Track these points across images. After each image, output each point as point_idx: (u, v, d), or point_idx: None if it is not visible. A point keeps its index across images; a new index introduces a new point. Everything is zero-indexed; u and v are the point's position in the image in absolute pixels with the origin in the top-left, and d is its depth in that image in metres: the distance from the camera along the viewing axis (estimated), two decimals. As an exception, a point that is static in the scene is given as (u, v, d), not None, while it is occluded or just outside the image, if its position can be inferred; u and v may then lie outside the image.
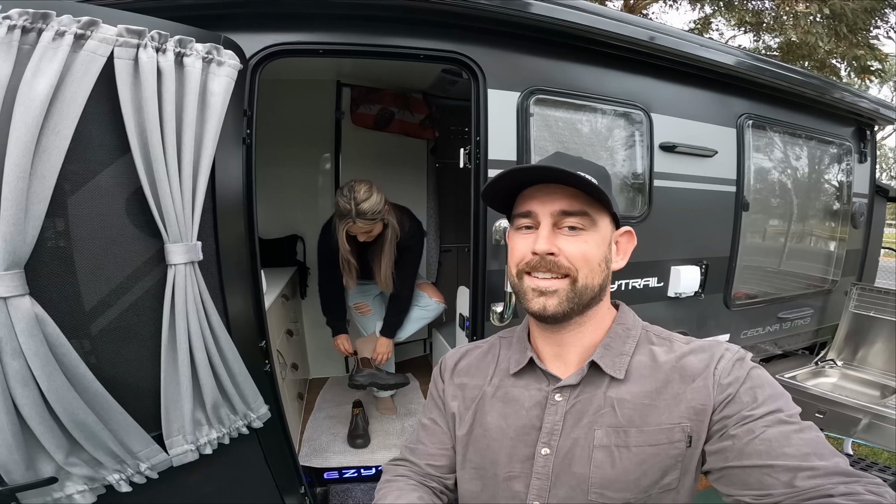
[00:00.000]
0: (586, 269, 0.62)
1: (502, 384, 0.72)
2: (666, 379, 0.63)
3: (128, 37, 0.89)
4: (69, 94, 0.81)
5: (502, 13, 1.29)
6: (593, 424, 0.63)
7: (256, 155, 1.23)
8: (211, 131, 1.01)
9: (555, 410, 0.65)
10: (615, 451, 0.61)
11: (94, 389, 0.91)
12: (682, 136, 1.66)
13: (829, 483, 0.49)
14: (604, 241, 0.64)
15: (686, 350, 0.65)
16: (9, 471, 0.86)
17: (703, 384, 0.60)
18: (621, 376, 0.64)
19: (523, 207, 0.65)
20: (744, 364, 0.61)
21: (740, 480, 0.54)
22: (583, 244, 0.62)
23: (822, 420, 1.87)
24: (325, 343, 2.65)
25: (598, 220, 0.63)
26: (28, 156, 0.75)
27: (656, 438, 0.60)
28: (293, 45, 1.26)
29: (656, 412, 0.61)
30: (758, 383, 0.58)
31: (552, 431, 0.65)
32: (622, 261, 0.69)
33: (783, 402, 0.56)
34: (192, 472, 1.13)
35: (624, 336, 0.68)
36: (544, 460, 0.64)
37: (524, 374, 0.71)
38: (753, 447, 0.53)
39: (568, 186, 0.62)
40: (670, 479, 0.60)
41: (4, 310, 0.76)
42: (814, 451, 0.51)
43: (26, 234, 0.77)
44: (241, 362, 1.15)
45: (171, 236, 0.95)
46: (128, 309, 0.97)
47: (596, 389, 0.65)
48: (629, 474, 0.60)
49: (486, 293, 1.46)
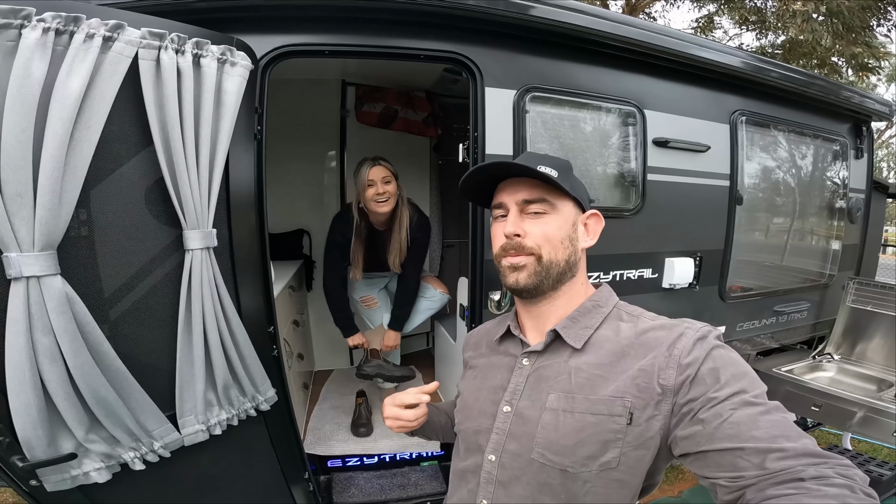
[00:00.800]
0: (548, 246, 0.71)
1: (489, 353, 0.82)
2: (622, 352, 0.66)
3: (150, 39, 0.96)
4: (99, 92, 0.89)
5: (499, 15, 1.35)
6: (549, 389, 0.69)
7: (266, 151, 1.30)
8: (225, 127, 1.09)
9: (520, 373, 0.73)
10: (560, 416, 0.66)
11: (115, 367, 0.97)
12: (674, 132, 1.71)
13: (798, 465, 0.50)
14: (565, 223, 0.73)
15: (648, 326, 0.68)
16: (31, 447, 0.91)
17: (657, 362, 0.62)
18: (579, 346, 0.69)
19: (496, 200, 0.77)
20: (705, 343, 0.62)
21: (714, 463, 0.55)
22: (543, 225, 0.72)
23: (818, 413, 1.89)
24: (331, 336, 2.73)
25: (558, 204, 0.72)
26: (63, 148, 0.83)
27: (597, 408, 0.63)
28: (300, 46, 1.33)
29: (605, 383, 0.65)
30: (720, 363, 0.59)
31: (514, 391, 0.72)
32: (591, 240, 0.77)
33: (747, 382, 0.57)
34: (201, 454, 1.19)
35: (592, 311, 0.73)
36: (504, 417, 0.71)
37: (504, 342, 0.81)
38: (723, 431, 0.54)
39: (529, 179, 0.72)
40: (609, 458, 0.62)
41: (37, 288, 0.83)
42: (782, 432, 0.53)
43: (59, 219, 0.84)
44: (250, 345, 1.22)
45: (189, 223, 1.02)
46: (148, 291, 1.04)
47: (559, 357, 0.71)
48: (568, 439, 0.64)
49: (483, 282, 1.52)
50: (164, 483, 1.19)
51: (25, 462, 0.90)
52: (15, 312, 0.82)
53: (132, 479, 1.08)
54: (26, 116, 0.81)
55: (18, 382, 0.85)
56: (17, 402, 0.86)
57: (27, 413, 0.87)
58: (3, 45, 0.81)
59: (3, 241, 0.80)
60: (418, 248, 2.15)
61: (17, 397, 0.86)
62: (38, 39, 0.82)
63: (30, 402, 0.86)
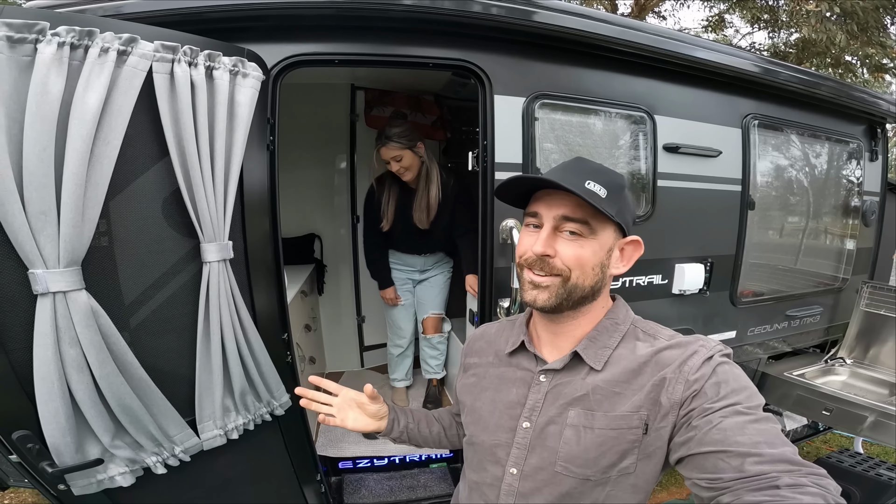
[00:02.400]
0: (578, 271, 0.68)
1: (499, 364, 0.81)
2: (638, 371, 0.68)
3: (163, 52, 0.97)
4: (116, 107, 0.90)
5: (508, 22, 1.35)
6: (569, 406, 0.70)
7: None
8: (239, 139, 1.11)
9: (538, 390, 0.74)
10: (582, 431, 0.68)
11: (138, 376, 1.00)
12: (685, 137, 1.70)
13: (775, 470, 0.51)
14: (601, 249, 0.69)
15: (664, 345, 0.69)
16: (60, 453, 0.94)
17: (668, 378, 0.65)
18: (599, 367, 0.70)
19: (532, 208, 0.72)
20: (711, 362, 0.64)
21: (698, 465, 0.57)
22: (579, 249, 0.67)
23: (829, 417, 1.88)
24: (341, 338, 2.77)
25: (598, 229, 0.68)
26: (84, 165, 0.84)
27: (617, 423, 0.66)
28: (311, 55, 1.34)
29: (622, 399, 0.67)
30: (722, 378, 0.62)
31: (533, 408, 0.73)
32: (624, 267, 0.73)
33: (744, 396, 0.60)
34: (218, 457, 1.22)
35: (611, 330, 0.73)
36: (524, 432, 0.73)
37: (517, 355, 0.79)
38: (711, 436, 0.57)
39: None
40: (628, 464, 0.66)
41: (64, 302, 0.86)
42: (765, 440, 0.55)
43: (83, 236, 0.86)
44: (265, 352, 1.25)
45: (206, 236, 1.04)
46: (167, 302, 1.07)
47: (576, 375, 0.71)
48: (590, 452, 0.67)
49: (493, 289, 1.53)
50: (183, 486, 1.22)
51: (55, 468, 0.93)
52: (42, 326, 0.85)
53: (154, 482, 1.11)
54: (47, 134, 0.82)
55: (47, 392, 0.88)
56: (46, 410, 0.89)
57: (56, 421, 0.90)
58: (19, 61, 0.82)
59: (29, 259, 0.83)
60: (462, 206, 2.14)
61: (46, 406, 0.89)
62: (53, 54, 0.83)
63: (58, 410, 0.90)
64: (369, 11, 1.26)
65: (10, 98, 0.81)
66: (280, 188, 1.33)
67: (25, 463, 0.97)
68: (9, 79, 0.81)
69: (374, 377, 2.72)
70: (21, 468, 1.01)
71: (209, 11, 1.19)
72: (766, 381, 2.09)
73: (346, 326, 2.82)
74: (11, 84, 0.81)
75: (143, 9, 1.13)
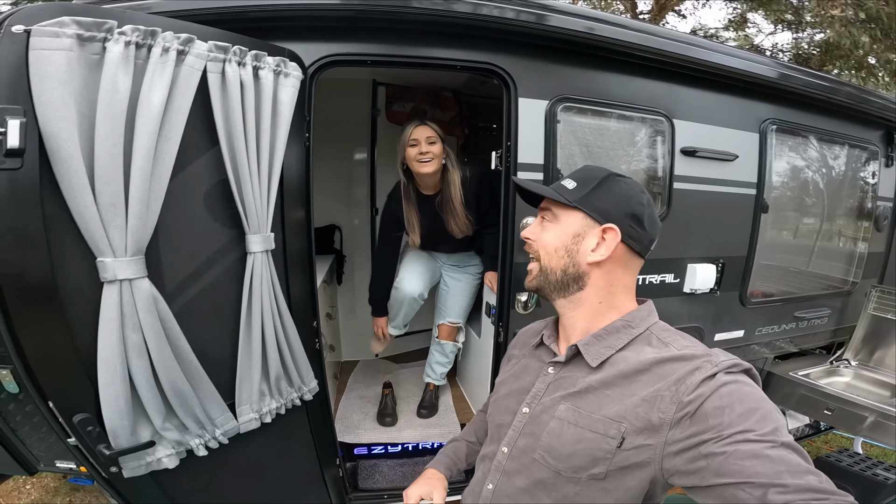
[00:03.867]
0: (543, 252, 0.78)
1: (527, 355, 0.89)
2: (633, 377, 0.67)
3: (216, 52, 1.01)
4: (176, 105, 0.95)
5: (534, 27, 1.40)
6: (562, 399, 0.74)
7: (313, 155, 1.38)
8: (281, 136, 1.17)
9: (544, 380, 0.79)
10: (565, 426, 0.71)
11: (189, 360, 1.06)
12: (703, 141, 1.74)
13: (800, 499, 0.50)
14: (564, 233, 0.76)
15: (669, 356, 0.67)
16: (117, 435, 0.98)
17: (660, 394, 0.63)
18: (594, 364, 0.72)
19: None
20: (713, 381, 0.60)
21: (716, 495, 0.55)
22: (542, 231, 0.80)
23: (831, 417, 1.94)
24: (357, 328, 2.85)
25: (560, 215, 0.78)
26: (149, 160, 0.90)
27: (596, 427, 0.67)
28: (345, 55, 1.39)
29: (611, 403, 0.68)
30: (727, 402, 0.58)
31: (535, 395, 0.79)
32: (600, 255, 0.73)
33: (754, 420, 0.56)
34: (250, 441, 1.28)
35: (621, 331, 0.73)
36: (522, 417, 0.79)
37: (540, 347, 0.87)
38: (727, 466, 0.54)
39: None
40: (598, 472, 0.66)
41: (129, 290, 0.92)
42: (787, 468, 0.52)
43: (147, 227, 0.93)
44: (298, 339, 1.32)
45: (252, 228, 1.11)
46: (213, 290, 1.13)
47: (578, 371, 0.75)
48: (565, 447, 0.70)
49: (511, 283, 1.59)
50: (218, 468, 1.28)
51: (111, 450, 0.98)
52: (109, 312, 0.91)
53: (193, 464, 1.16)
54: (116, 130, 0.88)
55: (109, 376, 0.93)
56: (107, 393, 0.94)
57: (115, 404, 0.95)
58: (89, 59, 0.86)
59: (99, 248, 0.89)
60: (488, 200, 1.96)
61: (108, 389, 0.94)
62: (121, 53, 0.86)
63: (118, 393, 0.95)
64: (405, 14, 1.31)
65: (80, 95, 0.85)
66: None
67: (83, 446, 1.01)
68: (79, 77, 0.85)
69: (388, 367, 2.80)
70: (77, 451, 1.06)
71: (251, 10, 1.23)
72: (772, 381, 2.14)
73: (360, 316, 2.89)
74: (81, 82, 0.85)
75: (185, 7, 1.15)
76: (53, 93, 0.82)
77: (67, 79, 0.83)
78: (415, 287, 2.14)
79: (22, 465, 1.47)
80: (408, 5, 1.30)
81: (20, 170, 0.83)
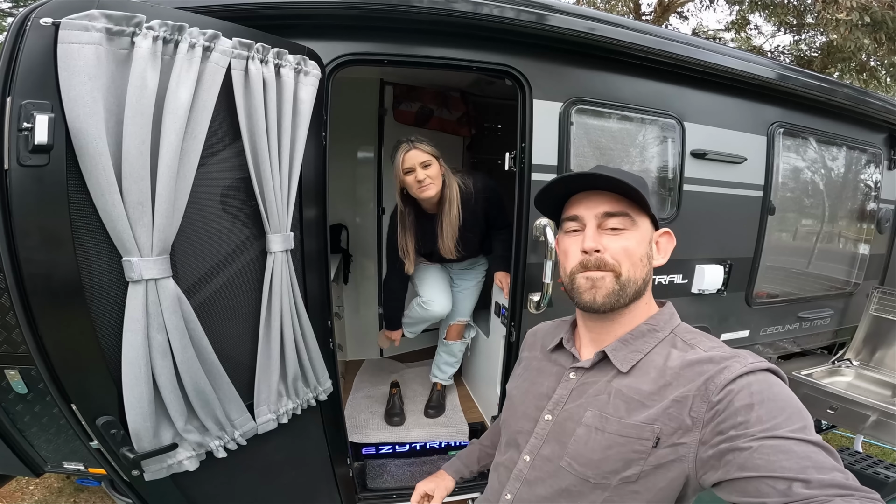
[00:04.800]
0: (628, 263, 0.70)
1: (542, 358, 0.86)
2: (666, 383, 0.66)
3: (240, 49, 1.01)
4: (202, 103, 0.94)
5: (550, 30, 1.40)
6: (588, 405, 0.71)
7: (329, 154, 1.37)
8: (301, 135, 1.16)
9: (566, 385, 0.77)
10: (593, 433, 0.69)
11: (211, 361, 1.05)
12: (713, 144, 1.76)
13: (824, 494, 0.49)
14: (644, 239, 0.72)
15: (697, 358, 0.66)
16: (140, 438, 0.97)
17: (691, 394, 0.63)
18: (625, 370, 0.70)
19: (571, 212, 0.74)
20: (741, 381, 0.60)
21: (740, 489, 0.55)
22: (624, 241, 0.70)
23: (833, 416, 1.97)
24: (362, 327, 2.84)
25: (637, 220, 0.71)
26: (176, 157, 0.90)
27: (628, 432, 0.66)
28: (362, 54, 1.39)
29: (642, 408, 0.66)
30: (758, 399, 0.58)
31: (557, 402, 0.76)
32: (662, 259, 0.76)
33: (783, 417, 0.56)
34: (267, 442, 1.27)
35: (647, 335, 0.72)
36: (545, 424, 0.76)
37: (557, 351, 0.83)
38: (753, 461, 0.54)
39: (609, 192, 0.70)
40: (631, 473, 0.65)
41: (154, 289, 0.91)
42: (813, 464, 0.52)
43: (172, 226, 0.92)
44: (314, 339, 1.31)
45: (273, 227, 1.10)
46: (233, 290, 1.13)
47: (603, 376, 0.73)
48: (594, 454, 0.68)
49: (524, 283, 1.60)
50: (234, 470, 1.27)
51: (134, 453, 0.96)
52: (134, 312, 0.90)
53: (212, 466, 1.15)
54: (145, 127, 0.87)
55: (134, 377, 0.92)
56: (132, 395, 0.93)
57: (139, 405, 0.94)
58: (117, 54, 0.84)
59: (126, 247, 0.88)
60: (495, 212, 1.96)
61: (132, 391, 0.93)
62: (150, 48, 0.86)
63: (142, 395, 0.94)
64: (423, 15, 1.31)
65: (108, 91, 0.84)
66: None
67: (106, 449, 0.99)
68: (107, 72, 0.83)
69: (393, 366, 2.79)
70: (99, 454, 1.04)
71: (268, 7, 1.23)
72: (775, 380, 2.17)
73: (365, 316, 2.89)
74: (109, 77, 0.84)
75: (204, 3, 1.13)
76: (82, 88, 0.81)
77: (96, 74, 0.82)
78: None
79: (28, 465, 1.46)
80: (424, 6, 1.30)
81: (47, 166, 0.82)
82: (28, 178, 0.82)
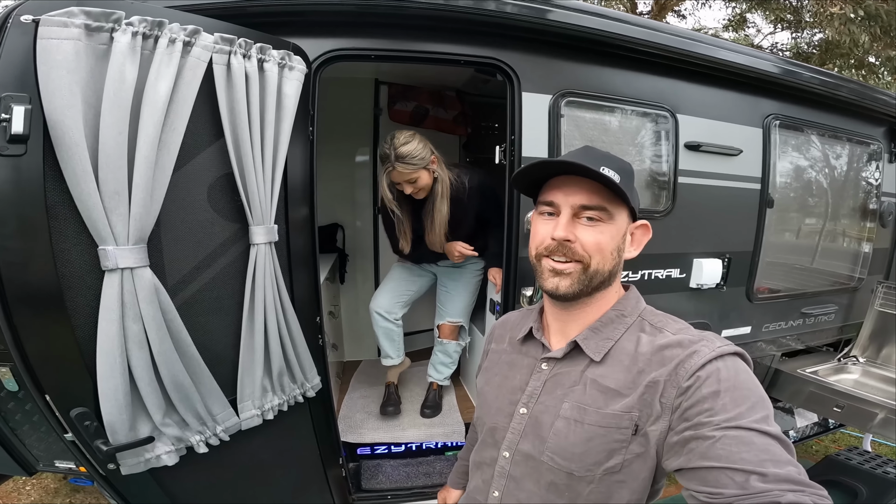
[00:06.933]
0: (598, 256, 0.68)
1: (511, 350, 0.84)
2: (639, 369, 0.66)
3: (222, 44, 1.02)
4: (181, 96, 0.95)
5: (537, 22, 1.40)
6: (564, 397, 0.70)
7: (317, 150, 1.37)
8: (285, 129, 1.17)
9: (538, 377, 0.75)
10: (572, 425, 0.68)
11: (190, 354, 1.04)
12: (707, 136, 1.73)
13: (778, 489, 0.51)
14: (618, 233, 0.70)
15: (666, 342, 0.66)
16: (115, 431, 0.95)
17: (662, 379, 0.63)
18: (598, 359, 0.69)
19: (547, 196, 0.71)
20: (709, 366, 0.61)
21: (700, 478, 0.56)
22: (598, 234, 0.68)
23: (840, 414, 1.91)
24: (359, 328, 2.83)
25: (615, 213, 0.69)
26: (154, 149, 0.90)
27: (607, 422, 0.65)
28: (349, 50, 1.39)
29: (618, 397, 0.66)
30: (724, 386, 0.58)
31: (532, 395, 0.74)
32: (635, 251, 0.74)
33: (746, 406, 0.57)
34: (252, 438, 1.25)
35: (616, 321, 0.72)
36: (520, 418, 0.74)
37: (527, 342, 0.81)
38: (714, 451, 0.55)
39: (589, 180, 0.67)
40: (613, 463, 0.65)
41: (130, 279, 0.91)
42: (770, 457, 0.53)
43: (150, 215, 0.92)
44: (301, 334, 1.30)
45: (255, 219, 1.10)
46: (215, 282, 1.12)
47: (576, 366, 0.72)
48: (576, 447, 0.67)
49: (517, 279, 1.58)
50: (220, 467, 1.26)
51: (108, 446, 0.95)
52: (109, 301, 0.90)
53: (193, 462, 1.13)
54: (122, 119, 0.87)
55: (109, 368, 0.92)
56: (106, 386, 0.92)
57: (114, 397, 0.93)
58: (96, 49, 0.86)
59: (101, 236, 0.88)
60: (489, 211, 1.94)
61: (107, 382, 0.92)
62: (129, 43, 0.87)
63: (117, 386, 0.93)
64: (408, 9, 1.31)
65: (86, 84, 0.85)
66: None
67: (80, 441, 0.98)
68: (86, 66, 0.85)
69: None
70: (74, 447, 1.03)
71: (254, 4, 1.24)
72: (780, 378, 2.12)
73: (362, 317, 2.87)
74: (88, 71, 0.86)
75: (191, 1, 1.14)
76: (60, 81, 0.82)
77: (75, 68, 0.83)
78: (381, 304, 2.17)
79: (21, 464, 1.45)
80: (411, 1, 1.30)
81: (24, 156, 0.83)
82: (4, 168, 0.82)
